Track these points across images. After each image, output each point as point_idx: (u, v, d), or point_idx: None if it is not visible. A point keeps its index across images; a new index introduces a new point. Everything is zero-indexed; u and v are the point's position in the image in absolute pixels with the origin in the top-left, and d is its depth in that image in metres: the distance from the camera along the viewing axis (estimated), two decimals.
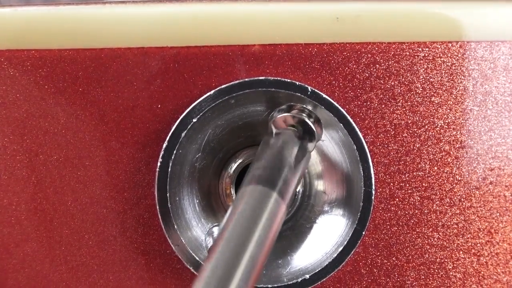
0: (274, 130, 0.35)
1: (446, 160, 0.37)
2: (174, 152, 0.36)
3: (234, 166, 0.38)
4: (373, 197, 0.36)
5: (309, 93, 0.36)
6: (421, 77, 0.37)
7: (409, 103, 0.37)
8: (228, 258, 0.22)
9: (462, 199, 0.38)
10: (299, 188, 0.38)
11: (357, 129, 0.36)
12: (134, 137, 0.37)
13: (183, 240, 0.37)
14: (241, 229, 0.24)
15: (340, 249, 0.37)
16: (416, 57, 0.37)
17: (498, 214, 0.38)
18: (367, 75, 0.37)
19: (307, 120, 0.35)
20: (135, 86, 0.37)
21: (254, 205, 0.26)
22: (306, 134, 0.35)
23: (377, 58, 0.37)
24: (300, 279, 0.37)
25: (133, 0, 0.41)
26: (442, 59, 0.37)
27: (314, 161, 0.38)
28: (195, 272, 0.37)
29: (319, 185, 0.38)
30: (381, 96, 0.37)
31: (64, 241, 0.38)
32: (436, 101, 0.37)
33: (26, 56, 0.37)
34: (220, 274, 0.21)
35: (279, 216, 0.26)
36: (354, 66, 0.37)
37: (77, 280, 0.39)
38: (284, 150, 0.32)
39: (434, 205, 0.38)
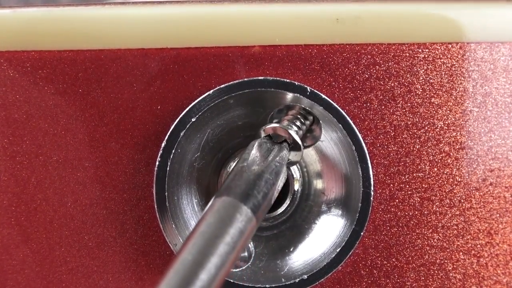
0: (262, 135, 0.35)
1: (446, 161, 0.37)
2: (173, 151, 0.36)
3: (233, 165, 0.38)
4: (371, 198, 0.36)
5: (308, 93, 0.36)
6: (421, 78, 0.37)
7: (409, 104, 0.37)
8: (185, 272, 0.21)
9: (462, 200, 0.37)
10: (298, 188, 0.38)
11: (356, 130, 0.36)
12: (133, 138, 0.37)
13: (181, 240, 0.37)
14: (203, 242, 0.23)
15: (338, 250, 0.37)
16: (416, 58, 0.37)
17: (498, 215, 0.38)
18: (367, 76, 0.37)
19: (294, 134, 0.34)
20: (135, 87, 0.37)
21: (222, 218, 0.24)
22: (291, 146, 0.34)
23: (377, 59, 0.37)
24: (298, 279, 0.37)
25: (133, 1, 0.42)
26: (442, 60, 0.37)
27: (313, 161, 0.38)
28: None
29: (318, 185, 0.38)
30: (381, 97, 0.37)
31: (63, 242, 0.38)
32: (436, 102, 0.37)
33: (26, 57, 0.37)
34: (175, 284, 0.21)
35: (248, 231, 0.25)
36: (354, 67, 0.37)
37: (77, 281, 0.39)
38: (263, 162, 0.31)
39: (434, 206, 0.37)
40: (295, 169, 0.38)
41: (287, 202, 0.38)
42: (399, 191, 0.37)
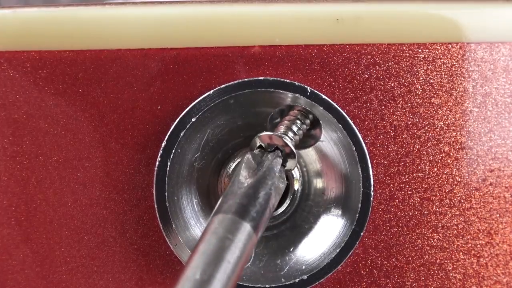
0: (258, 144, 0.35)
1: (446, 161, 0.37)
2: (173, 151, 0.36)
3: (232, 165, 0.38)
4: (371, 198, 0.36)
5: (308, 93, 0.36)
6: (421, 78, 0.37)
7: (409, 104, 0.37)
8: None
9: (462, 200, 0.37)
10: (298, 188, 0.38)
11: (356, 130, 0.36)
12: (133, 138, 0.37)
13: (181, 240, 0.37)
14: (206, 262, 0.22)
15: (338, 250, 0.37)
16: (416, 58, 0.37)
17: (498, 215, 0.38)
18: (367, 76, 0.37)
19: (289, 143, 0.34)
20: (135, 87, 0.37)
21: (222, 236, 0.24)
22: (285, 153, 0.34)
23: (377, 59, 0.37)
24: (298, 279, 0.37)
25: (133, 1, 0.42)
26: (442, 60, 0.37)
27: (313, 161, 0.38)
28: None
29: (318, 185, 0.38)
30: (381, 97, 0.37)
31: (63, 242, 0.38)
32: (436, 102, 0.37)
33: (26, 57, 0.37)
34: None
35: (249, 248, 0.24)
36: (354, 67, 0.37)
37: (77, 281, 0.39)
38: (257, 174, 0.30)
39: (434, 206, 0.37)
40: (295, 169, 0.38)
41: (287, 202, 0.38)
42: (399, 191, 0.37)
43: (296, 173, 0.38)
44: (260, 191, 0.29)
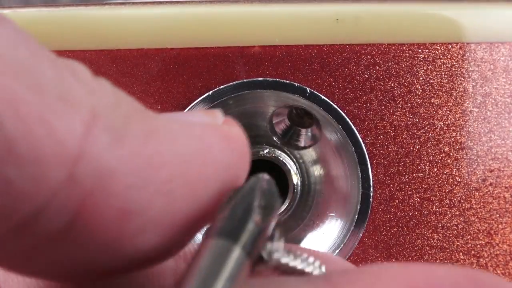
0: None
1: (445, 162, 0.37)
2: None
3: None
4: (371, 199, 0.36)
5: (308, 94, 0.36)
6: (421, 78, 0.37)
7: (409, 104, 0.37)
8: None
9: (461, 201, 0.37)
10: (297, 182, 0.38)
11: (355, 131, 0.36)
12: None
13: None
14: None
15: (338, 251, 0.37)
16: (416, 58, 0.37)
17: (498, 215, 0.38)
18: (366, 76, 0.37)
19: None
20: (134, 87, 0.37)
21: (212, 262, 0.23)
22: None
23: (377, 59, 0.37)
24: None
25: (132, 1, 0.41)
26: (442, 60, 0.37)
27: (313, 162, 0.38)
28: None
29: (317, 186, 0.38)
30: (381, 97, 0.37)
31: None
32: (436, 103, 0.37)
33: None
34: None
35: (241, 275, 0.23)
36: (354, 67, 0.37)
37: None
38: (253, 197, 0.29)
39: (434, 206, 0.37)
40: (291, 164, 0.38)
41: (287, 202, 0.38)
42: (399, 192, 0.37)
43: (292, 167, 0.38)
44: (256, 212, 0.28)
